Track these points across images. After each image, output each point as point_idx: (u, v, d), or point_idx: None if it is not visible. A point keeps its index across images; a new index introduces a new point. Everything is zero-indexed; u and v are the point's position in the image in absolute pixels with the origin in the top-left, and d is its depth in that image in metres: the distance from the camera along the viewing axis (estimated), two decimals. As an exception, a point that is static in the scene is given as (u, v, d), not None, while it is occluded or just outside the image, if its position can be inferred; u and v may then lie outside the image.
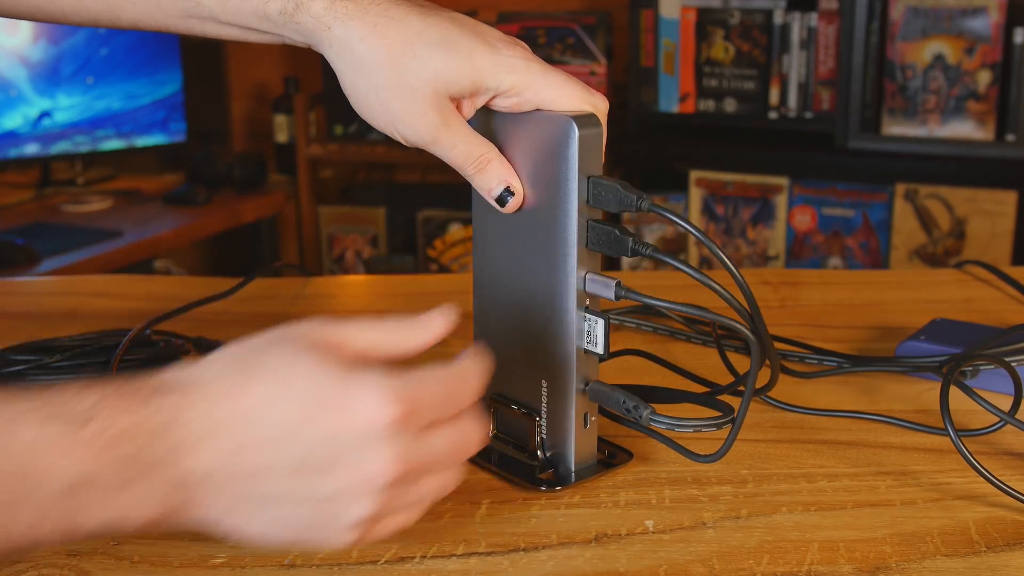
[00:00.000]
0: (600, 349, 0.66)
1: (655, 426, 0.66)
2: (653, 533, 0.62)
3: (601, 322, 0.65)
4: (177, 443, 0.47)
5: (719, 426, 0.66)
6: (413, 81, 0.62)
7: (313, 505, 0.49)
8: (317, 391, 0.49)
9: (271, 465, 0.48)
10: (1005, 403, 0.78)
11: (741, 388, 0.74)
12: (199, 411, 0.48)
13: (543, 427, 0.68)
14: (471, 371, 0.54)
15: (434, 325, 0.56)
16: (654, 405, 0.66)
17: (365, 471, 0.49)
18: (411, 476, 0.50)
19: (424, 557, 0.59)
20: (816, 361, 0.85)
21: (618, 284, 0.63)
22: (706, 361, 0.86)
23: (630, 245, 0.62)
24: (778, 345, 0.88)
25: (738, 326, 0.62)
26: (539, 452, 0.69)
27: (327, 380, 0.49)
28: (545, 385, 0.68)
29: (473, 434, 0.53)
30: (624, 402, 0.66)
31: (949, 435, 0.67)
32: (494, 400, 0.71)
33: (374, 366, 0.51)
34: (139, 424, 0.47)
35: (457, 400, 0.53)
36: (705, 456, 0.68)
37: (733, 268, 0.61)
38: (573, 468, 0.68)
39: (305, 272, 1.10)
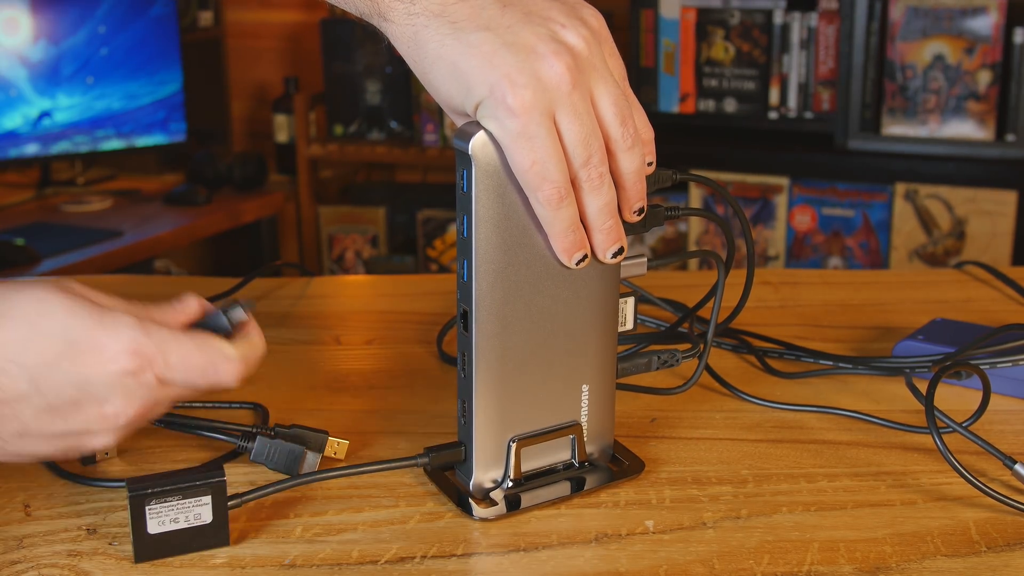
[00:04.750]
0: (630, 325, 0.66)
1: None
2: (653, 533, 0.62)
3: (631, 300, 0.66)
4: None
5: (692, 355, 0.71)
6: None
7: (60, 439, 0.57)
8: (67, 333, 0.56)
9: (21, 408, 0.55)
10: (999, 401, 0.78)
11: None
12: None
13: (585, 431, 0.67)
14: (234, 354, 0.60)
15: (186, 310, 0.62)
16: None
17: (107, 412, 0.56)
18: (150, 417, 0.58)
19: (424, 557, 0.59)
20: (811, 361, 0.85)
21: (648, 258, 0.65)
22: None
23: (664, 213, 0.64)
24: (771, 347, 0.88)
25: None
26: (586, 459, 0.67)
27: (77, 323, 0.56)
28: (587, 388, 0.66)
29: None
30: (659, 358, 0.70)
31: (933, 438, 0.67)
32: (519, 442, 0.64)
33: (122, 316, 0.57)
34: None
35: (210, 376, 0.59)
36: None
37: (734, 202, 0.65)
38: (613, 451, 0.68)
39: (306, 272, 1.10)
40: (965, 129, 2.37)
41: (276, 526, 0.62)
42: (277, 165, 3.11)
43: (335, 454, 0.69)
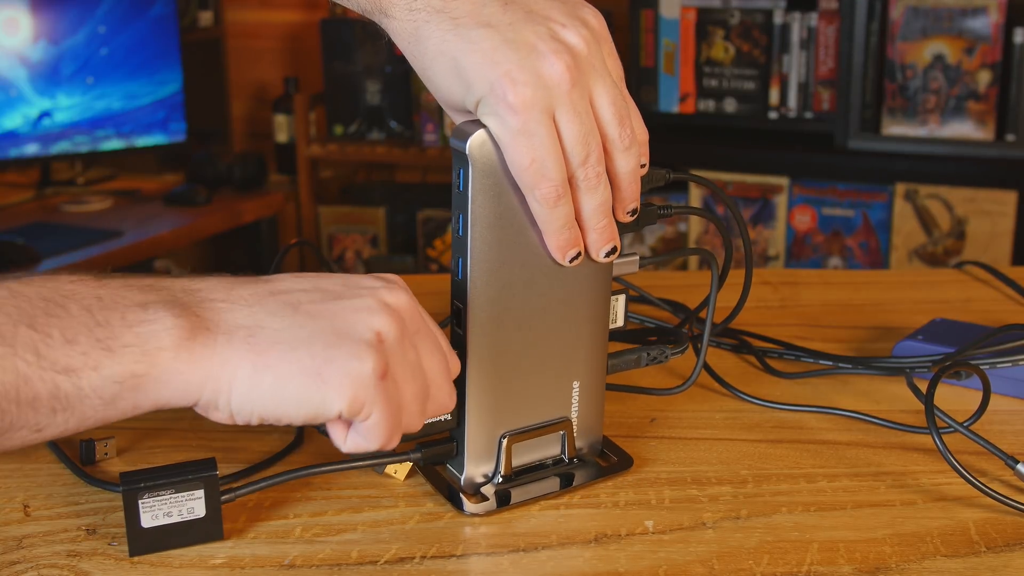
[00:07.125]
0: (621, 322, 0.66)
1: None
2: (653, 533, 0.62)
3: (622, 297, 0.66)
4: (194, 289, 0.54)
5: (680, 352, 0.71)
6: None
7: (330, 315, 0.54)
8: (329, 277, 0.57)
9: (289, 288, 0.55)
10: (999, 402, 0.78)
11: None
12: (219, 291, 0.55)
13: (575, 427, 0.67)
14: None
15: None
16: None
17: (378, 294, 0.55)
18: (409, 333, 0.56)
19: (424, 557, 0.59)
20: (811, 361, 0.85)
21: (640, 256, 0.65)
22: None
23: (657, 212, 0.65)
24: (771, 347, 0.88)
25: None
26: (576, 455, 0.67)
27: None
28: (577, 385, 0.66)
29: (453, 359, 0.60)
30: (648, 354, 0.69)
31: (933, 438, 0.67)
32: (509, 438, 0.65)
33: None
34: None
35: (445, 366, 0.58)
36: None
37: (731, 202, 0.71)
38: (602, 448, 0.69)
39: (317, 251, 1.09)
40: (965, 129, 2.37)
41: (275, 526, 0.62)
42: (277, 165, 3.11)
43: (395, 474, 0.68)
